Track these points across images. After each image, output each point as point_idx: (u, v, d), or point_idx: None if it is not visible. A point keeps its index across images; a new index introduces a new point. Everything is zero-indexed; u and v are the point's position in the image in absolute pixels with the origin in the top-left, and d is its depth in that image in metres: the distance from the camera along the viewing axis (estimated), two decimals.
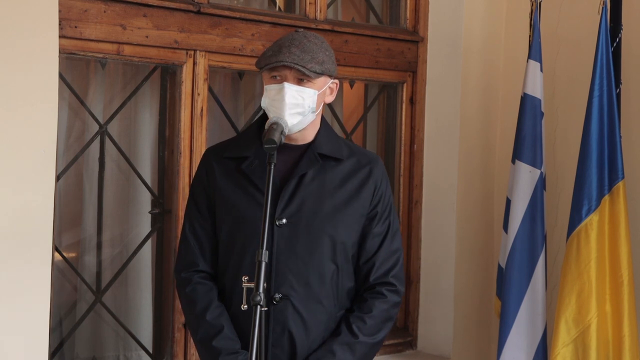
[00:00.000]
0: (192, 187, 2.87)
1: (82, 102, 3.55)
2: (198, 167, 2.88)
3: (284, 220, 2.70)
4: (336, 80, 2.81)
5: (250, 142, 2.80)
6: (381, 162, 2.88)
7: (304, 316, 2.72)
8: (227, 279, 2.77)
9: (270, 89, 2.70)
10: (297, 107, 2.68)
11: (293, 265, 2.71)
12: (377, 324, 2.78)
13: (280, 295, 2.69)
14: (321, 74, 2.71)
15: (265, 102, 2.71)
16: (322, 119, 2.82)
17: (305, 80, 2.69)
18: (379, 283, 2.80)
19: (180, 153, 3.63)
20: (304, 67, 2.66)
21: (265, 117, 2.83)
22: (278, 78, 2.69)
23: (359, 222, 2.80)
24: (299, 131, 2.73)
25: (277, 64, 2.66)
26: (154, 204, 3.71)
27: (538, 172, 3.92)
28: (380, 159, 2.90)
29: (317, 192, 2.75)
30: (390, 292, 2.80)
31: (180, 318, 3.61)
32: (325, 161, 2.77)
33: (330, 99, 2.80)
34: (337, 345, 2.72)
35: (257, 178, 2.74)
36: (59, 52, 3.18)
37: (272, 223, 2.69)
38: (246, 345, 2.70)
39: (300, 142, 2.77)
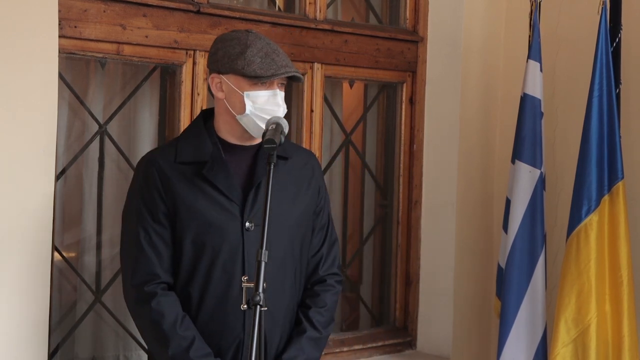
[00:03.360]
0: (141, 194, 2.76)
1: (81, 102, 3.55)
2: (143, 173, 2.78)
3: (251, 225, 2.73)
4: None
5: (203, 145, 2.78)
6: (316, 157, 3.01)
7: (274, 315, 2.76)
8: (195, 286, 2.75)
9: (259, 96, 2.72)
10: (284, 112, 2.75)
11: (265, 268, 2.72)
12: (331, 316, 2.90)
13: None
14: None
15: (250, 109, 2.71)
16: None
17: (282, 86, 2.77)
18: (328, 275, 2.90)
19: None
20: (299, 75, 2.75)
21: (206, 117, 2.85)
22: (265, 84, 2.72)
23: (310, 217, 2.88)
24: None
25: (287, 74, 2.72)
26: None
27: (538, 172, 3.92)
28: (314, 153, 3.03)
29: (273, 193, 2.75)
30: (337, 283, 2.93)
31: None
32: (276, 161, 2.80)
33: None
34: (305, 342, 2.80)
35: (220, 182, 2.75)
36: (59, 51, 3.18)
37: (241, 229, 2.73)
38: (216, 352, 2.73)
39: (254, 143, 2.81)
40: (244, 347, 2.73)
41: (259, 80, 2.70)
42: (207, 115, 2.88)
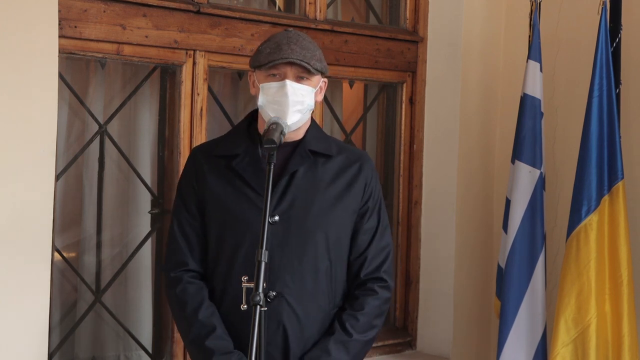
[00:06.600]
0: (180, 185, 2.86)
1: (81, 102, 3.55)
2: (186, 166, 2.87)
3: (277, 218, 2.70)
4: (326, 79, 2.83)
5: (240, 140, 2.80)
6: (370, 159, 2.91)
7: (298, 313, 2.73)
8: (217, 278, 2.76)
9: (269, 87, 2.70)
10: (298, 105, 2.70)
11: (287, 262, 2.71)
12: (370, 321, 2.79)
13: (274, 293, 2.68)
14: (320, 71, 2.74)
15: (262, 101, 2.71)
16: (311, 117, 2.84)
17: (304, 78, 2.72)
18: (370, 279, 2.82)
19: (180, 153, 3.63)
20: (307, 63, 2.68)
21: (253, 115, 2.86)
22: (277, 76, 2.70)
23: (350, 218, 2.82)
24: (294, 129, 2.74)
25: (283, 60, 2.66)
26: (154, 204, 3.71)
27: (538, 172, 3.92)
28: (368, 155, 2.93)
29: (308, 189, 2.76)
30: (381, 288, 2.82)
31: None
32: (315, 158, 2.79)
33: (319, 97, 2.82)
34: (331, 344, 2.73)
35: (248, 175, 2.74)
36: (59, 52, 3.18)
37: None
38: (238, 345, 2.71)
39: (291, 140, 2.77)
40: (264, 343, 2.69)
41: (260, 68, 2.70)
42: (257, 115, 2.87)
